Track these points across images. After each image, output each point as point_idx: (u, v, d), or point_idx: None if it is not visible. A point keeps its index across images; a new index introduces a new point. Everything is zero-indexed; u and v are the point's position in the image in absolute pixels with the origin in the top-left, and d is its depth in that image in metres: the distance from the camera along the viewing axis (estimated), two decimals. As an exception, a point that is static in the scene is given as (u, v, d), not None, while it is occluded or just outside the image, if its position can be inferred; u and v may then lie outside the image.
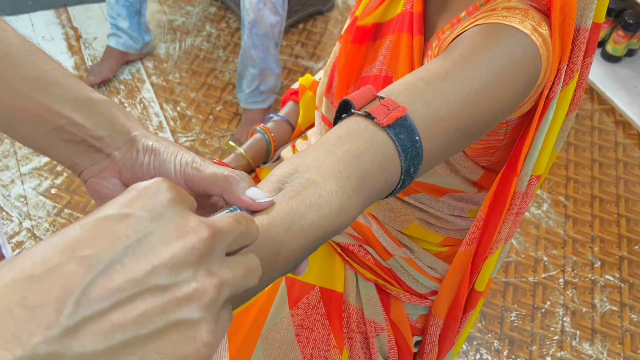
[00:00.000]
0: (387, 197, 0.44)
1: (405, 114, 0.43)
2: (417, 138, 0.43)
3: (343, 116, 0.46)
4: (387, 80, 0.71)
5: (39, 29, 2.03)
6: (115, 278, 0.23)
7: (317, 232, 0.37)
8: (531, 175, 0.66)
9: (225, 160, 0.90)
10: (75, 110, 0.40)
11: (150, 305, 0.23)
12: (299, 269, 0.38)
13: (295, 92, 0.97)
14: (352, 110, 0.44)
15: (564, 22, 0.56)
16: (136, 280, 0.23)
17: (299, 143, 0.91)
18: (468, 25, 0.56)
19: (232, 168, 0.40)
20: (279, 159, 0.93)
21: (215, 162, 0.46)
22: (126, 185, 0.42)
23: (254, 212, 0.36)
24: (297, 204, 0.36)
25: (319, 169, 0.39)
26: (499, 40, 0.52)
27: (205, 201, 0.43)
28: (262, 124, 0.94)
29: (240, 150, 0.90)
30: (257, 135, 0.93)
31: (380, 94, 0.45)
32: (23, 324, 0.21)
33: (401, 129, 0.42)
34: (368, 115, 0.43)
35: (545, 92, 0.57)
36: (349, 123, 0.43)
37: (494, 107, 0.50)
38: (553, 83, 0.58)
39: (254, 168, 0.92)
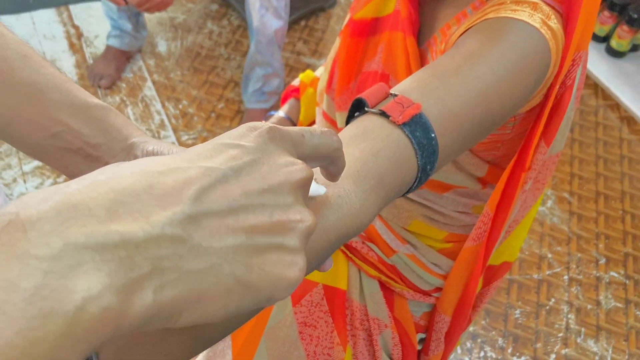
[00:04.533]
0: (403, 195, 0.44)
1: (420, 111, 0.43)
2: (432, 135, 0.43)
3: (356, 115, 0.45)
4: (384, 78, 0.70)
5: (40, 27, 2.03)
6: (231, 188, 0.24)
7: (338, 233, 0.37)
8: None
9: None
10: (72, 117, 0.39)
11: (260, 221, 0.25)
12: (324, 266, 0.38)
13: (296, 89, 0.97)
14: (366, 109, 0.44)
15: (588, 15, 0.56)
16: (249, 194, 0.25)
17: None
18: (476, 19, 0.55)
19: None
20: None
21: None
22: None
23: None
24: (317, 205, 0.36)
25: None
26: (509, 35, 0.52)
27: None
28: (263, 122, 0.94)
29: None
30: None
31: (392, 91, 0.45)
32: (150, 207, 0.22)
33: (417, 127, 0.42)
34: (382, 114, 0.42)
35: (556, 87, 0.57)
36: (363, 122, 0.43)
37: (506, 101, 0.50)
38: (569, 71, 0.57)
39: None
